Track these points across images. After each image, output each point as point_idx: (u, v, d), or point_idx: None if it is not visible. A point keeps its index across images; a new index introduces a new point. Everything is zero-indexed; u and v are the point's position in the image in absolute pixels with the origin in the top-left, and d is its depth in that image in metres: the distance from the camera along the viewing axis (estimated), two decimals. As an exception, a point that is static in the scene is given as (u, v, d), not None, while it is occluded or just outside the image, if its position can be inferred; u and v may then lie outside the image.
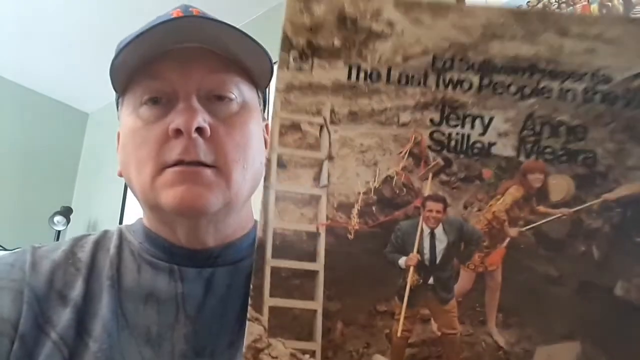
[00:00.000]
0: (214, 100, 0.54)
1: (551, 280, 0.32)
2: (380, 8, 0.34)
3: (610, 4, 1.16)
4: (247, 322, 0.33)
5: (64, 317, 0.50)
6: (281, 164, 0.34)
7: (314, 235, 0.33)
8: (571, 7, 1.26)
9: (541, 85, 0.32)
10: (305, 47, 0.34)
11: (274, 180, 0.34)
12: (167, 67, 0.53)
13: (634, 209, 0.31)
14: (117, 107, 0.61)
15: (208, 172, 0.51)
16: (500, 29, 0.33)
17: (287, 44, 0.35)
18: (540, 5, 1.34)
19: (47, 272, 0.53)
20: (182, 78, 0.53)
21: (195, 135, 0.50)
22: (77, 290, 0.52)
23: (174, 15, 0.53)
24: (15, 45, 2.71)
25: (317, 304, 0.33)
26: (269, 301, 0.33)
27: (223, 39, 0.53)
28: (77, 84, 3.05)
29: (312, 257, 0.33)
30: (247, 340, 0.33)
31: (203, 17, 0.53)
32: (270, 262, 0.33)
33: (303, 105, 0.34)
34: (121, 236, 0.59)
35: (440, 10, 0.33)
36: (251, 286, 0.33)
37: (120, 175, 0.60)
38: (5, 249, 2.52)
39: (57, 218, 2.78)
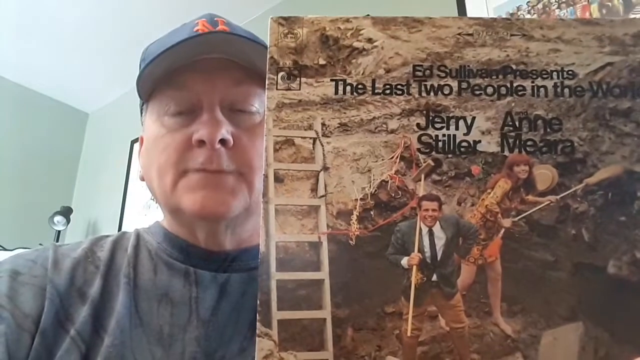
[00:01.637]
0: (237, 112, 0.56)
1: (548, 266, 0.33)
2: (360, 27, 0.37)
3: (610, 4, 1.21)
4: (257, 339, 0.33)
5: (82, 313, 0.50)
6: (278, 179, 0.35)
7: (316, 245, 0.34)
8: (571, 7, 1.29)
9: (515, 84, 0.35)
10: (292, 67, 0.36)
11: (273, 195, 0.35)
12: (192, 78, 0.55)
13: (614, 191, 0.33)
14: (141, 112, 0.62)
15: (230, 178, 0.53)
16: (471, 37, 0.36)
17: (274, 66, 0.36)
18: (540, 6, 1.37)
19: (68, 269, 0.54)
20: (206, 89, 0.54)
21: (218, 146, 0.52)
22: (95, 288, 0.52)
23: (200, 26, 0.56)
24: (15, 45, 2.67)
25: (325, 313, 0.33)
26: (277, 315, 0.33)
27: (247, 51, 0.55)
28: (77, 84, 3.02)
29: (317, 267, 0.34)
30: (258, 357, 0.32)
31: (230, 33, 0.55)
32: (275, 275, 0.34)
33: (294, 121, 0.36)
34: (138, 236, 0.60)
35: (415, 24, 0.36)
36: (258, 302, 0.33)
37: (142, 179, 0.60)
38: (5, 249, 2.42)
39: (57, 218, 2.73)
